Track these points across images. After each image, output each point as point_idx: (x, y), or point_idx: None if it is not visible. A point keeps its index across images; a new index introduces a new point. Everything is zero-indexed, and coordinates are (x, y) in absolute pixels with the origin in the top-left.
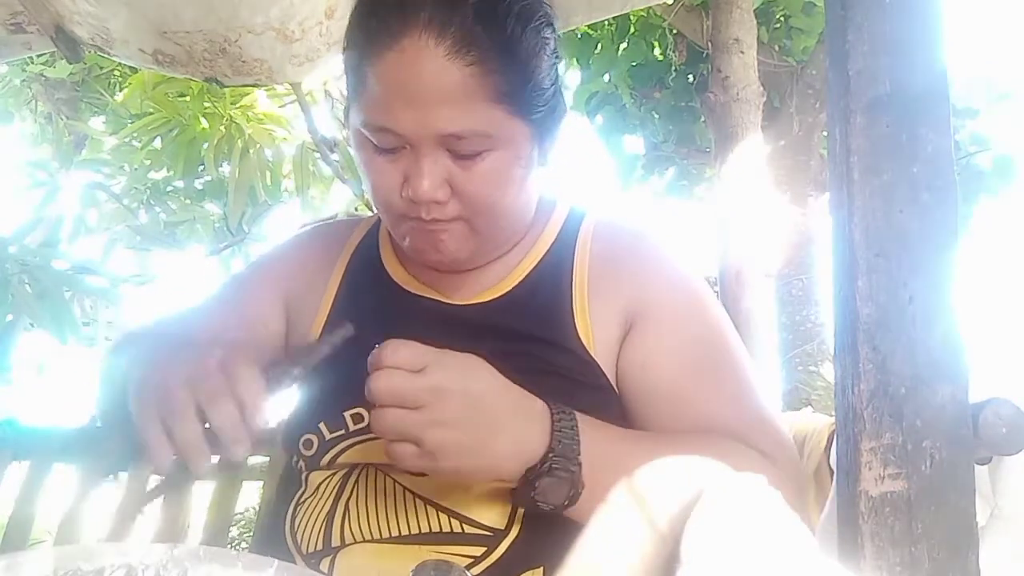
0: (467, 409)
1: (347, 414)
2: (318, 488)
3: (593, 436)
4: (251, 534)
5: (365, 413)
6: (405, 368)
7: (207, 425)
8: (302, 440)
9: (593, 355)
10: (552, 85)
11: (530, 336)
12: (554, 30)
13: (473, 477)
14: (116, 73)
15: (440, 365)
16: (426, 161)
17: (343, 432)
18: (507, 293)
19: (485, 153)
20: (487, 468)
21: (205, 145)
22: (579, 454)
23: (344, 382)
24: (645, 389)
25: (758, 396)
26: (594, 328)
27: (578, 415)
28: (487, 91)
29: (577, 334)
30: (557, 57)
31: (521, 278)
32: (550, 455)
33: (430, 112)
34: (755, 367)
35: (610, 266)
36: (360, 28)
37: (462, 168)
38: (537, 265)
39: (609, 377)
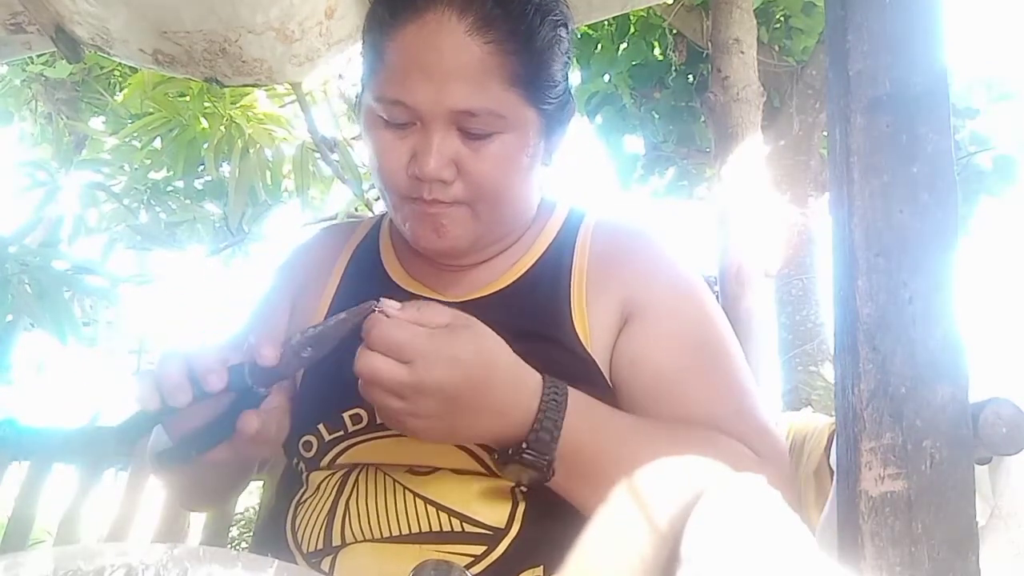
0: (443, 406)
1: (346, 415)
2: (319, 487)
3: (579, 425)
4: (251, 534)
5: (364, 414)
6: (391, 356)
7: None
8: (302, 442)
9: (589, 352)
10: (564, 82)
11: (526, 332)
12: (568, 31)
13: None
14: (116, 73)
15: (424, 362)
16: (436, 138)
17: (342, 433)
18: (504, 289)
19: (495, 136)
20: (464, 443)
21: (205, 145)
22: (555, 448)
23: (342, 383)
24: (637, 385)
25: (751, 396)
26: (591, 325)
27: (571, 401)
28: (503, 72)
29: (574, 331)
30: (569, 57)
31: (519, 275)
32: (523, 445)
33: (445, 87)
34: (749, 368)
35: (608, 264)
36: (383, 3)
37: (471, 150)
38: (536, 263)
39: (605, 374)
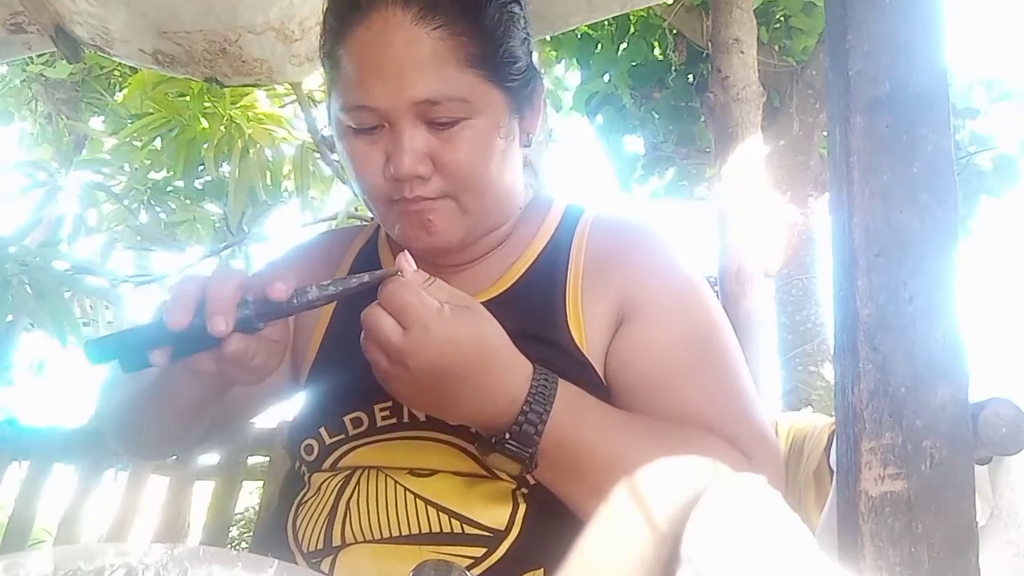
0: (430, 381)
1: (347, 418)
2: (320, 488)
3: (565, 419)
4: (251, 534)
5: (364, 417)
6: (394, 317)
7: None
8: (303, 445)
9: (585, 353)
10: (526, 57)
11: (522, 335)
12: (521, 7)
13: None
14: (116, 73)
15: (423, 333)
16: (405, 136)
17: (343, 436)
18: (502, 294)
19: (463, 122)
20: (447, 419)
21: (205, 145)
22: (538, 440)
23: (343, 387)
24: (629, 385)
25: (746, 397)
26: (586, 326)
27: (560, 394)
28: (457, 55)
29: (569, 332)
30: (527, 32)
31: (516, 278)
32: (506, 436)
33: (403, 81)
34: (746, 367)
35: (604, 262)
36: (332, 13)
37: (442, 140)
38: (532, 264)
39: (601, 375)
